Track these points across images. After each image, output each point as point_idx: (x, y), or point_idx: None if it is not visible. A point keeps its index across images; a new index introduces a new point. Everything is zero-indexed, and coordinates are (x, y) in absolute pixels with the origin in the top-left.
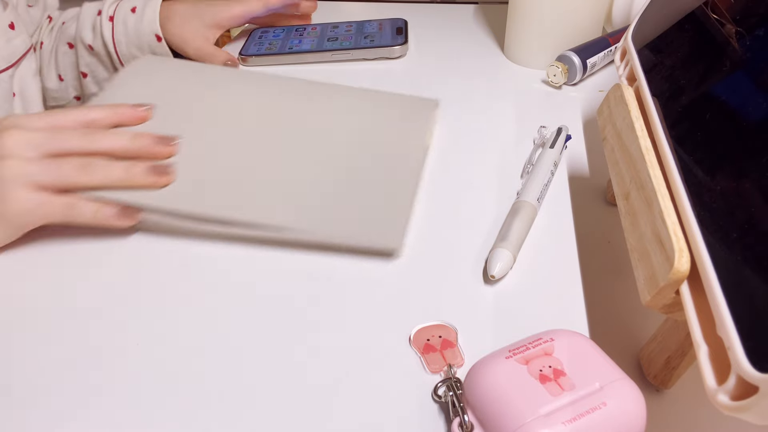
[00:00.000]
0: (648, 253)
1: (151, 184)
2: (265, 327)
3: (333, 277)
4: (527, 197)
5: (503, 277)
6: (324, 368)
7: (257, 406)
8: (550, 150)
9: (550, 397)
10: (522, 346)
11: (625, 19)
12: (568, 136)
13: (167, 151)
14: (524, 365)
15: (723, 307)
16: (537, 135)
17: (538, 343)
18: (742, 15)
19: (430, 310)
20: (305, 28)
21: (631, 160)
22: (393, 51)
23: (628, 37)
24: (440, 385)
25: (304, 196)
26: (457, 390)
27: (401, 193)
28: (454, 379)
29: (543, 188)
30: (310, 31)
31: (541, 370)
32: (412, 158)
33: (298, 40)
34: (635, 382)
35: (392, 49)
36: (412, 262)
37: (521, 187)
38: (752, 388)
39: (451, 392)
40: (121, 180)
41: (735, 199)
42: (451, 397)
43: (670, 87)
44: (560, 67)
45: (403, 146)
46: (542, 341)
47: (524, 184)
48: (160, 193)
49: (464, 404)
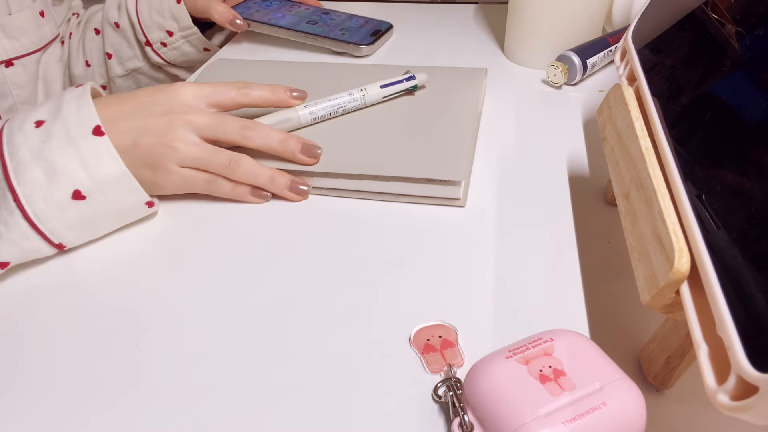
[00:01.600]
0: (648, 253)
1: (301, 162)
2: (264, 328)
3: (332, 277)
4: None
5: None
6: (324, 368)
7: (253, 406)
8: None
9: (550, 397)
10: (522, 346)
11: (625, 19)
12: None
13: (310, 162)
14: (524, 365)
15: (723, 307)
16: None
17: (538, 343)
18: (742, 15)
19: (430, 310)
20: (299, 6)
21: (631, 160)
22: (359, 49)
23: (628, 37)
24: (440, 385)
25: (388, 148)
26: (457, 390)
27: (462, 138)
28: (454, 379)
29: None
30: (302, 10)
31: (541, 370)
32: (468, 113)
33: (281, 14)
34: (635, 382)
35: (358, 47)
36: (412, 262)
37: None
38: (752, 388)
39: (451, 392)
40: (274, 149)
41: (735, 198)
42: (451, 397)
43: (670, 87)
44: (560, 67)
45: (459, 104)
46: (542, 341)
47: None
48: None
49: (464, 404)
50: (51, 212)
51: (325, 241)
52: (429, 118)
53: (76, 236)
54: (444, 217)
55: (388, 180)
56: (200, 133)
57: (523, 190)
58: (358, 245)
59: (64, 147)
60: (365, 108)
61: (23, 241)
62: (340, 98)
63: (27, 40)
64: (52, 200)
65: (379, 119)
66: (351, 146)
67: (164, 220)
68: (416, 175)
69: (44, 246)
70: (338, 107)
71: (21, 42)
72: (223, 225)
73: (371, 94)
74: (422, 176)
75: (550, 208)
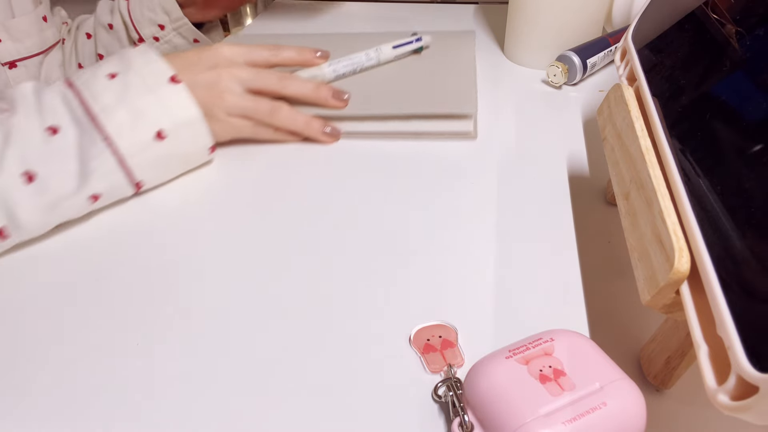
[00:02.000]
0: (648, 253)
1: (333, 105)
2: (264, 329)
3: (330, 276)
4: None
5: None
6: (324, 368)
7: (252, 406)
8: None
9: (550, 397)
10: (522, 346)
11: (625, 19)
12: (419, 38)
13: (341, 105)
14: (524, 365)
15: (723, 307)
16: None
17: (538, 343)
18: (742, 15)
19: (430, 310)
20: None
21: (631, 160)
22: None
23: (628, 37)
24: (440, 385)
25: (406, 94)
26: (457, 390)
27: (467, 83)
28: (454, 379)
29: (348, 64)
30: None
31: (541, 370)
32: (468, 64)
33: None
34: (635, 382)
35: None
36: (412, 263)
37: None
38: (752, 388)
39: (451, 392)
40: (308, 96)
41: (735, 198)
42: (451, 397)
43: (670, 87)
44: (560, 67)
45: (459, 58)
46: (542, 341)
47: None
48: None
49: (464, 404)
50: (136, 149)
51: (328, 235)
52: (436, 69)
53: (153, 176)
54: (444, 216)
55: (409, 119)
56: (244, 85)
57: (523, 190)
58: (359, 237)
59: (143, 93)
60: (380, 66)
61: (111, 175)
62: (358, 57)
63: (30, 43)
64: (137, 138)
65: (394, 73)
66: (373, 94)
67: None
68: (434, 111)
69: (126, 183)
70: (357, 65)
71: (24, 44)
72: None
73: (385, 53)
74: (439, 112)
75: (550, 209)
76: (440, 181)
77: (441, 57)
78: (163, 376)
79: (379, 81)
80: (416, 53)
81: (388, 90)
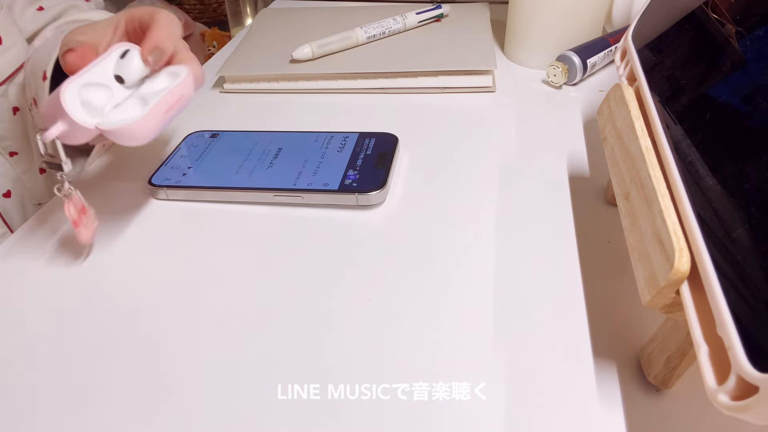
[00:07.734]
0: (648, 253)
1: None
2: (263, 328)
3: (317, 282)
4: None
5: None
6: (325, 368)
7: (251, 406)
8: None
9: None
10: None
11: (625, 19)
12: (438, 5)
13: None
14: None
15: (723, 307)
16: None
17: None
18: (742, 15)
19: (427, 306)
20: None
21: (631, 160)
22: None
23: (628, 37)
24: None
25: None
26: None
27: (485, 43)
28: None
29: (378, 27)
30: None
31: None
32: (485, 28)
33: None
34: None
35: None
36: (411, 263)
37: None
38: (752, 388)
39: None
40: None
41: (735, 198)
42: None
43: (671, 87)
44: (560, 67)
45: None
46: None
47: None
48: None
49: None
50: None
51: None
52: (456, 33)
53: None
54: (444, 216)
55: (437, 75)
56: None
57: (523, 189)
58: (356, 241)
59: None
60: (405, 31)
61: None
62: (387, 21)
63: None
64: None
65: (420, 38)
66: (404, 54)
67: None
68: (459, 68)
69: None
70: (386, 28)
71: None
72: None
73: (410, 19)
74: (464, 68)
75: (550, 208)
76: (440, 180)
77: (460, 23)
78: (163, 376)
79: (408, 44)
80: (437, 20)
81: (417, 51)
